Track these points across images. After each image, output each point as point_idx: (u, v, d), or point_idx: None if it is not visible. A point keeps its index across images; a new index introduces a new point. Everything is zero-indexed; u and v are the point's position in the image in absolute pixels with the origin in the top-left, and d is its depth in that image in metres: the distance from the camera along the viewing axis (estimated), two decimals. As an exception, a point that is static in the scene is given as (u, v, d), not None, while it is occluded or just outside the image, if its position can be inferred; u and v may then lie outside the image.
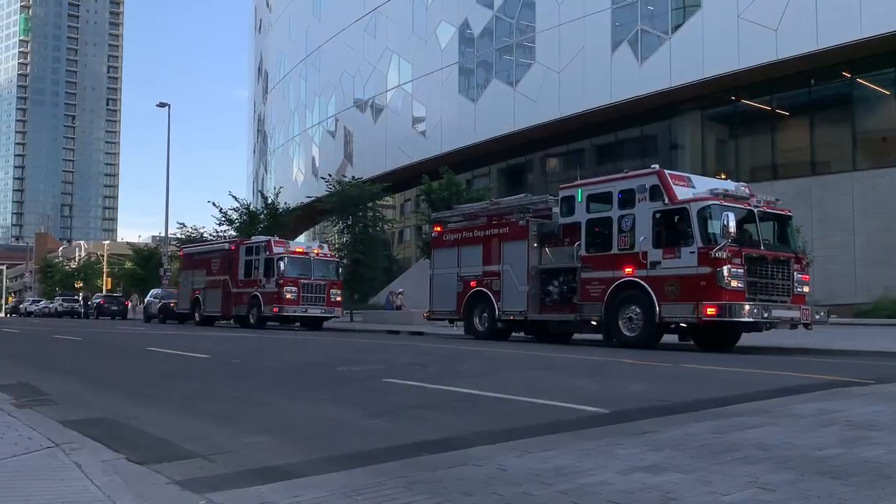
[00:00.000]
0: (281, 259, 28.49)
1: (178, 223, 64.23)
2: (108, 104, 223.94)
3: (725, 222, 13.95)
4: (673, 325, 15.28)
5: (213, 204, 43.86)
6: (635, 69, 35.59)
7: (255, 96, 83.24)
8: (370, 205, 40.15)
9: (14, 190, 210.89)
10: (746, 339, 16.28)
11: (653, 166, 16.21)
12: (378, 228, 41.56)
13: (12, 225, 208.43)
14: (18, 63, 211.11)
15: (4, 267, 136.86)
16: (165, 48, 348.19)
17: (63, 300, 63.45)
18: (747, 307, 13.97)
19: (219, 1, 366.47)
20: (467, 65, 45.42)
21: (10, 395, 8.00)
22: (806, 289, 15.41)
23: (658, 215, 15.27)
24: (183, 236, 49.12)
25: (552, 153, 44.72)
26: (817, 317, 15.17)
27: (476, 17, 44.27)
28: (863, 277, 29.46)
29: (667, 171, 15.71)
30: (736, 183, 16.20)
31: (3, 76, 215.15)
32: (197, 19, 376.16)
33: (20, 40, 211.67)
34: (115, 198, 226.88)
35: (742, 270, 14.29)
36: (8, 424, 5.91)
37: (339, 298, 29.99)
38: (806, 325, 15.15)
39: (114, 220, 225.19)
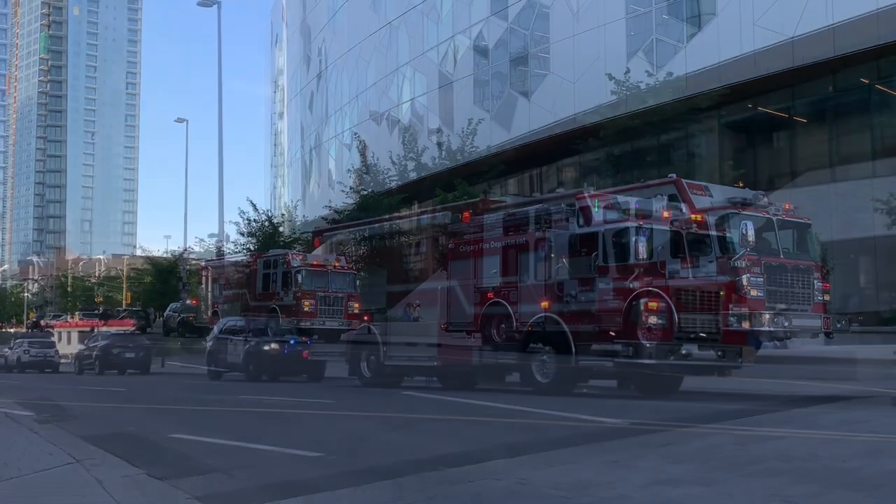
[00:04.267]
0: (298, 272, 28.57)
1: (196, 238, 64.56)
2: (126, 120, 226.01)
3: (744, 231, 13.82)
4: (692, 335, 15.15)
5: (241, 214, 44.04)
6: (651, 78, 35.44)
7: (271, 110, 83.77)
8: (386, 217, 40.16)
9: (35, 206, 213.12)
10: (767, 349, 16.10)
11: (670, 175, 16.15)
12: (394, 240, 41.56)
13: (33, 241, 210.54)
14: (38, 81, 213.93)
15: (26, 282, 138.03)
16: (184, 64, 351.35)
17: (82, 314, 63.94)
18: (767, 316, 13.82)
19: (238, 16, 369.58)
20: (482, 76, 45.47)
21: (31, 410, 8.06)
22: (826, 297, 15.23)
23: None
24: (202, 250, 49.48)
25: (568, 163, 44.59)
26: (838, 326, 15.01)
27: (490, 30, 44.32)
28: (884, 286, 29.11)
29: (684, 181, 15.62)
30: (754, 191, 16.09)
31: (24, 94, 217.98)
32: (215, 34, 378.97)
33: (40, 58, 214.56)
34: (134, 212, 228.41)
35: (761, 279, 14.15)
36: (30, 440, 5.95)
37: (356, 311, 29.98)
38: (827, 334, 14.96)
39: (133, 234, 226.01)
